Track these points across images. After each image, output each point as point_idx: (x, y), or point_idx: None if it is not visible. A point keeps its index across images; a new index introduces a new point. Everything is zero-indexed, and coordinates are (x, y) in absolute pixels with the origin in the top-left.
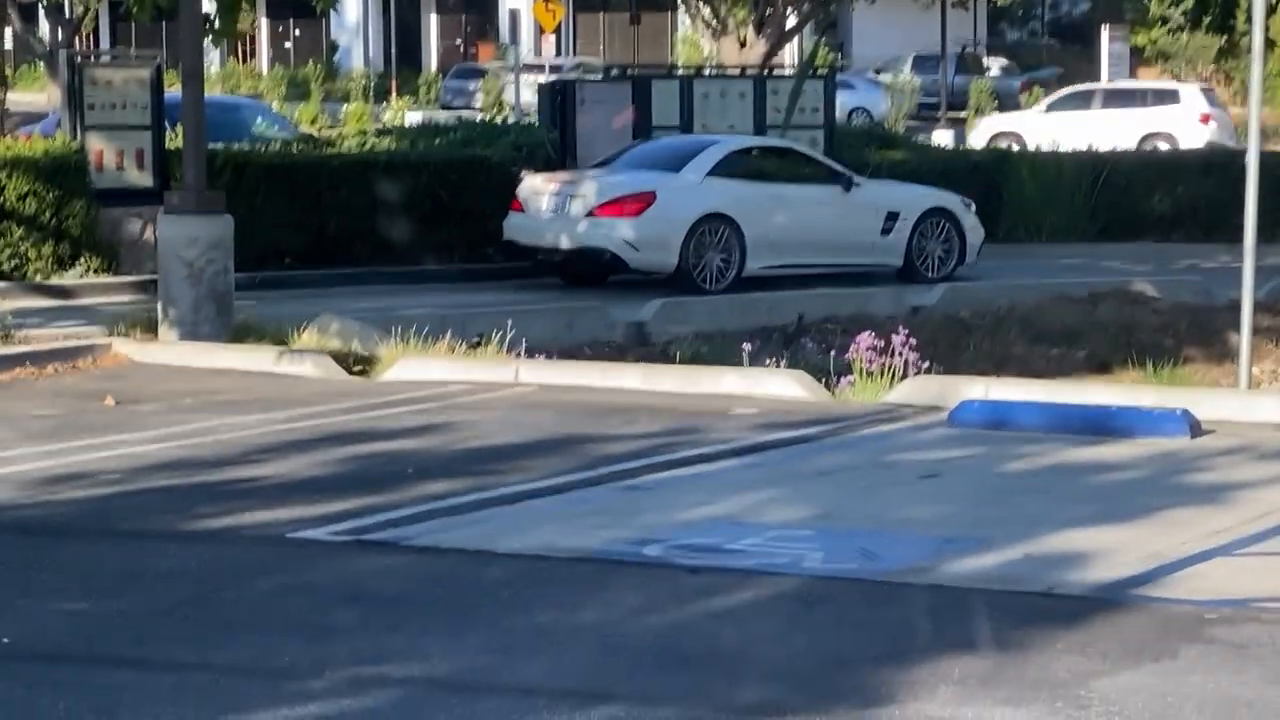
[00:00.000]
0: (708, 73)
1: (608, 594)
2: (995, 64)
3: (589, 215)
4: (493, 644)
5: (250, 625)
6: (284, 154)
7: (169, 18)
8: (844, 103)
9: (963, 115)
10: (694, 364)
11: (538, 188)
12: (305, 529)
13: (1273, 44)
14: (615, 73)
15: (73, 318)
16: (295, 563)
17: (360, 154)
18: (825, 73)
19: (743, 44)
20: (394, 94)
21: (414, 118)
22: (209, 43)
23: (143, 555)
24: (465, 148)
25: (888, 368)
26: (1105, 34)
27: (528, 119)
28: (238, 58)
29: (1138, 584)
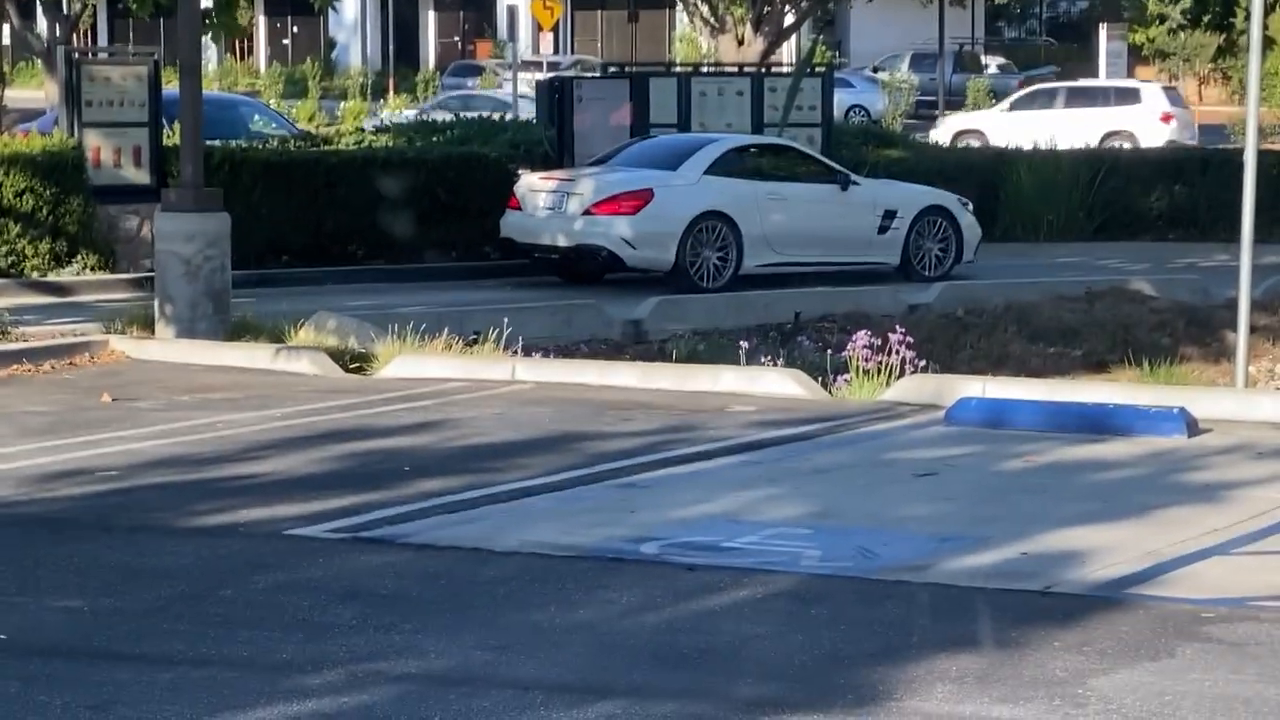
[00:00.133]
0: (705, 70)
1: (605, 592)
2: (993, 62)
3: (586, 213)
4: (489, 641)
5: (247, 622)
6: (281, 151)
7: (167, 15)
8: (842, 101)
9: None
10: (691, 362)
11: (535, 185)
12: (302, 526)
13: (1271, 42)
14: (613, 70)
15: (70, 315)
16: (292, 560)
17: (357, 151)
18: (823, 71)
19: (741, 42)
20: (391, 91)
21: (411, 115)
22: (207, 39)
23: (140, 552)
24: (463, 145)
25: (884, 366)
26: (1103, 33)
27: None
28: (235, 55)
29: (1135, 582)
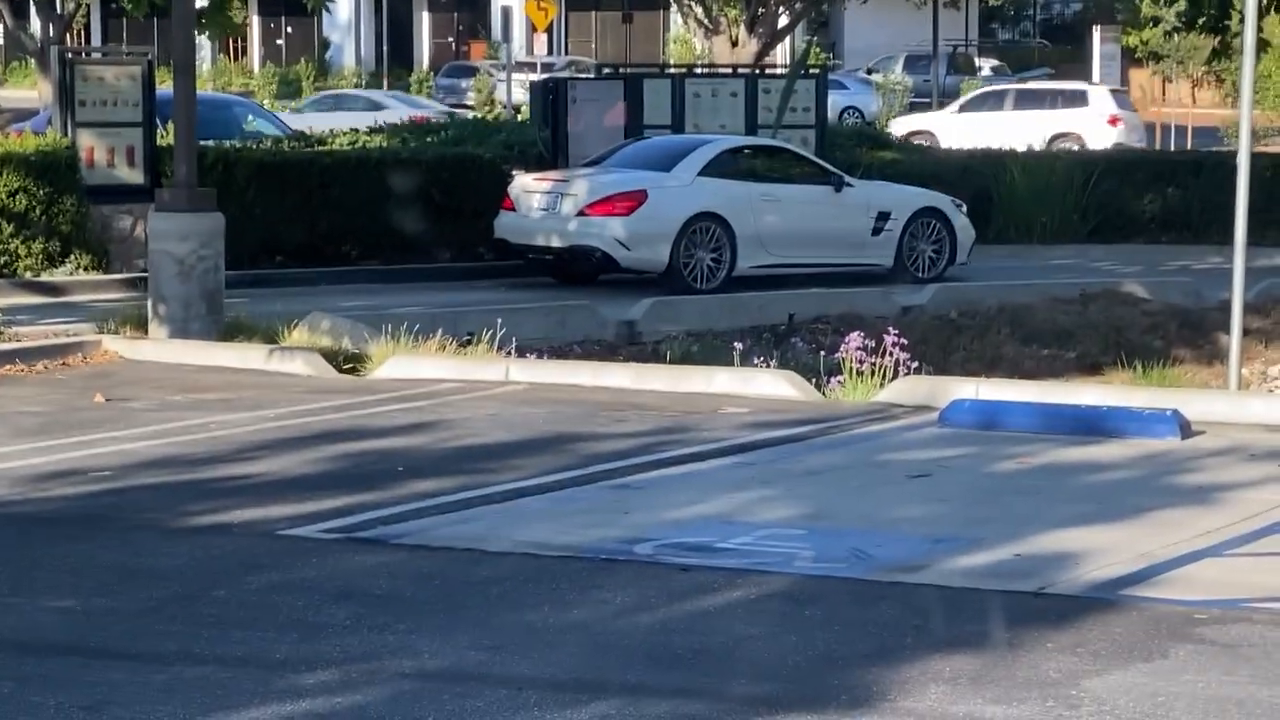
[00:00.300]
0: (699, 72)
1: (599, 592)
2: (986, 64)
3: (580, 214)
4: (483, 641)
5: (241, 622)
6: (275, 151)
7: (161, 14)
8: (836, 102)
9: None
10: (685, 363)
11: (529, 186)
12: (296, 526)
13: (1266, 44)
14: (607, 71)
15: (63, 315)
16: (286, 560)
17: (351, 152)
18: (817, 72)
19: (735, 43)
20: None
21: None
22: (201, 39)
23: (134, 552)
24: (457, 146)
25: (878, 367)
26: (1096, 35)
27: (519, 117)
28: (229, 55)
29: (1128, 584)
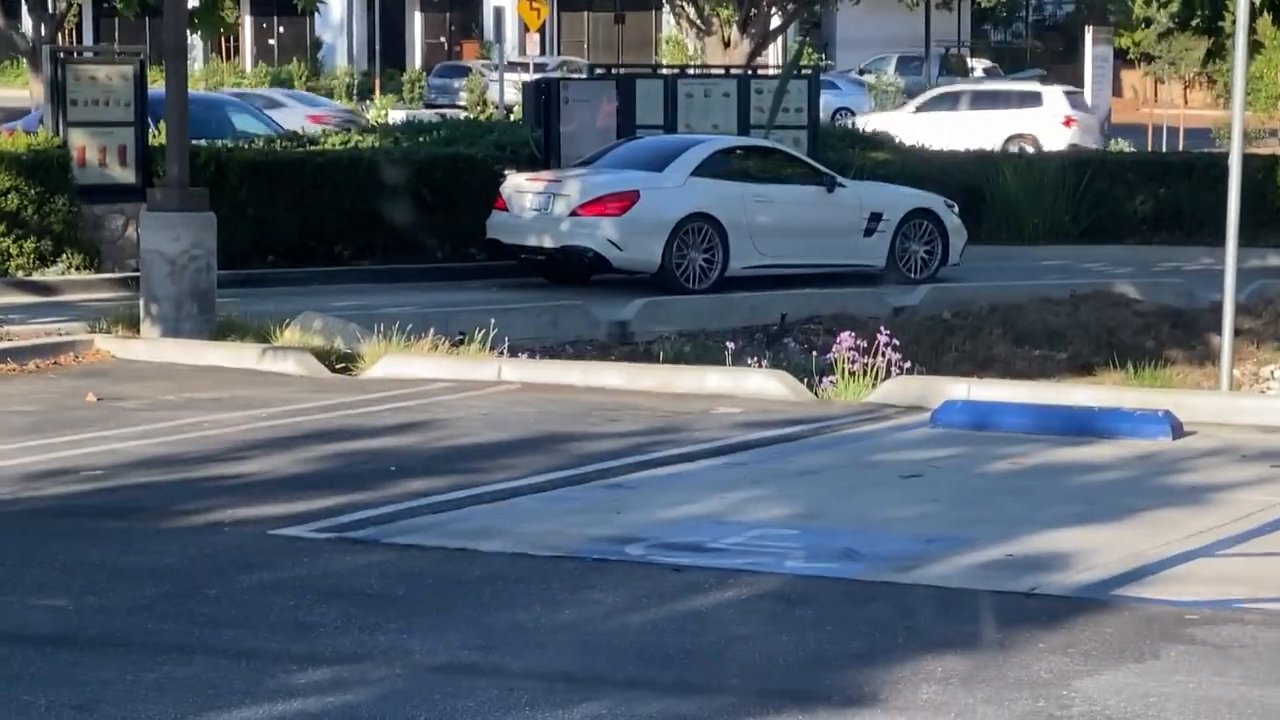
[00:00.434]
0: (692, 72)
1: (590, 592)
2: (979, 65)
3: (572, 214)
4: (475, 641)
5: (232, 621)
6: (267, 151)
7: (153, 14)
8: (828, 103)
9: None
10: (677, 363)
11: (521, 186)
12: (287, 526)
13: (1260, 45)
14: (599, 72)
15: (54, 314)
16: (278, 559)
17: (343, 152)
18: (809, 73)
19: (727, 43)
20: (378, 92)
21: (398, 116)
22: (193, 39)
23: (125, 551)
24: (449, 146)
25: (870, 368)
26: (1089, 36)
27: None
28: (221, 55)
29: (1120, 584)
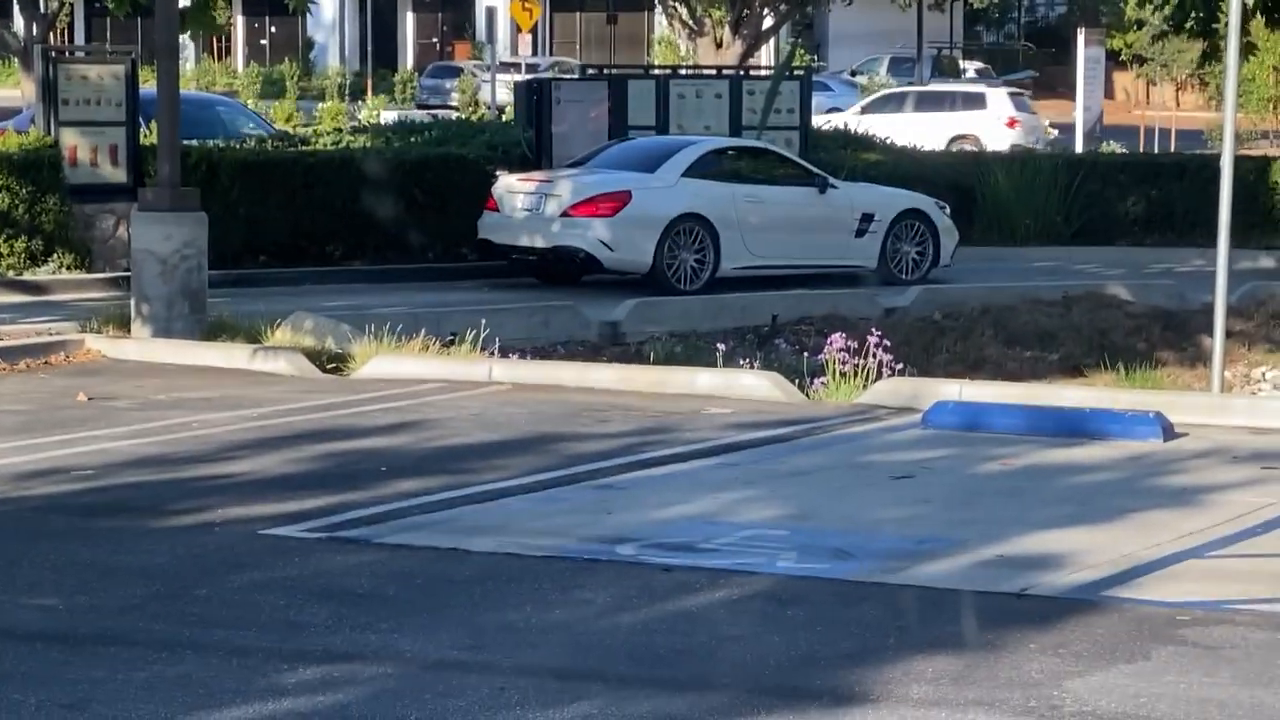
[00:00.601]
0: (684, 73)
1: (581, 592)
2: (971, 67)
3: (564, 215)
4: (465, 641)
5: (223, 621)
6: (259, 151)
7: (145, 13)
8: (820, 104)
9: None
10: (668, 364)
11: (513, 187)
12: (278, 526)
13: (1253, 47)
14: (591, 72)
15: (45, 314)
16: (269, 559)
17: (335, 152)
18: (801, 74)
19: (719, 44)
20: (369, 92)
21: (389, 116)
22: (184, 39)
23: (116, 551)
24: (441, 147)
25: (861, 369)
26: (1080, 38)
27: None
28: (213, 55)
29: (1111, 585)
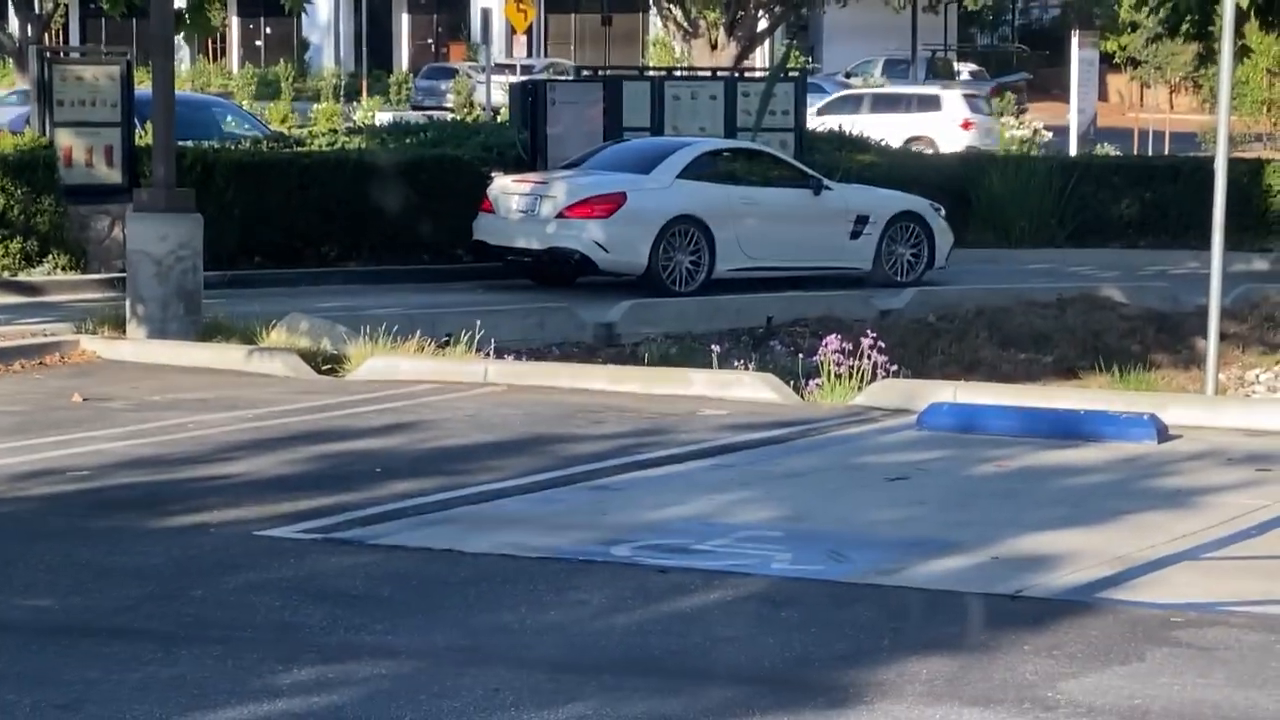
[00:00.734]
0: (679, 74)
1: (576, 593)
2: (965, 69)
3: (559, 216)
4: (460, 642)
5: (218, 622)
6: (254, 152)
7: (140, 14)
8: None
9: None
10: (663, 365)
11: (508, 188)
12: (273, 527)
13: (1249, 50)
14: (586, 74)
15: (41, 314)
16: (264, 560)
17: (330, 153)
18: (796, 76)
19: (714, 46)
20: (365, 93)
21: (384, 117)
22: (179, 40)
23: (110, 551)
24: (436, 148)
25: (856, 370)
26: (1074, 40)
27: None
28: (208, 56)
29: (1105, 587)
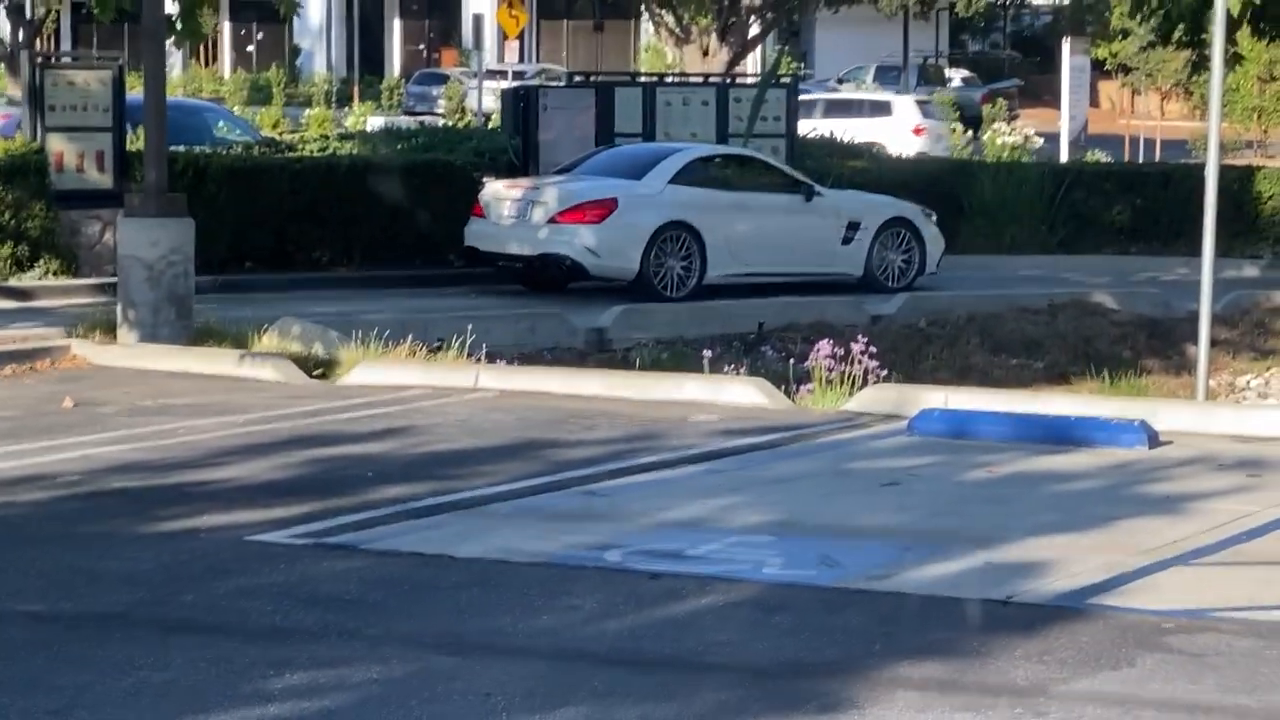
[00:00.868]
0: (670, 80)
1: (567, 599)
2: (957, 75)
3: (550, 222)
4: (451, 647)
5: (209, 627)
6: (245, 157)
7: (131, 20)
8: None
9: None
10: (654, 371)
11: (500, 194)
12: (264, 532)
13: (1240, 58)
14: (578, 79)
15: (31, 319)
16: (254, 565)
17: (322, 158)
18: (788, 82)
19: (706, 52)
20: (356, 99)
21: (376, 123)
22: (170, 45)
23: (101, 557)
24: (427, 153)
25: (847, 376)
26: (1066, 47)
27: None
28: (199, 61)
29: (1096, 593)
